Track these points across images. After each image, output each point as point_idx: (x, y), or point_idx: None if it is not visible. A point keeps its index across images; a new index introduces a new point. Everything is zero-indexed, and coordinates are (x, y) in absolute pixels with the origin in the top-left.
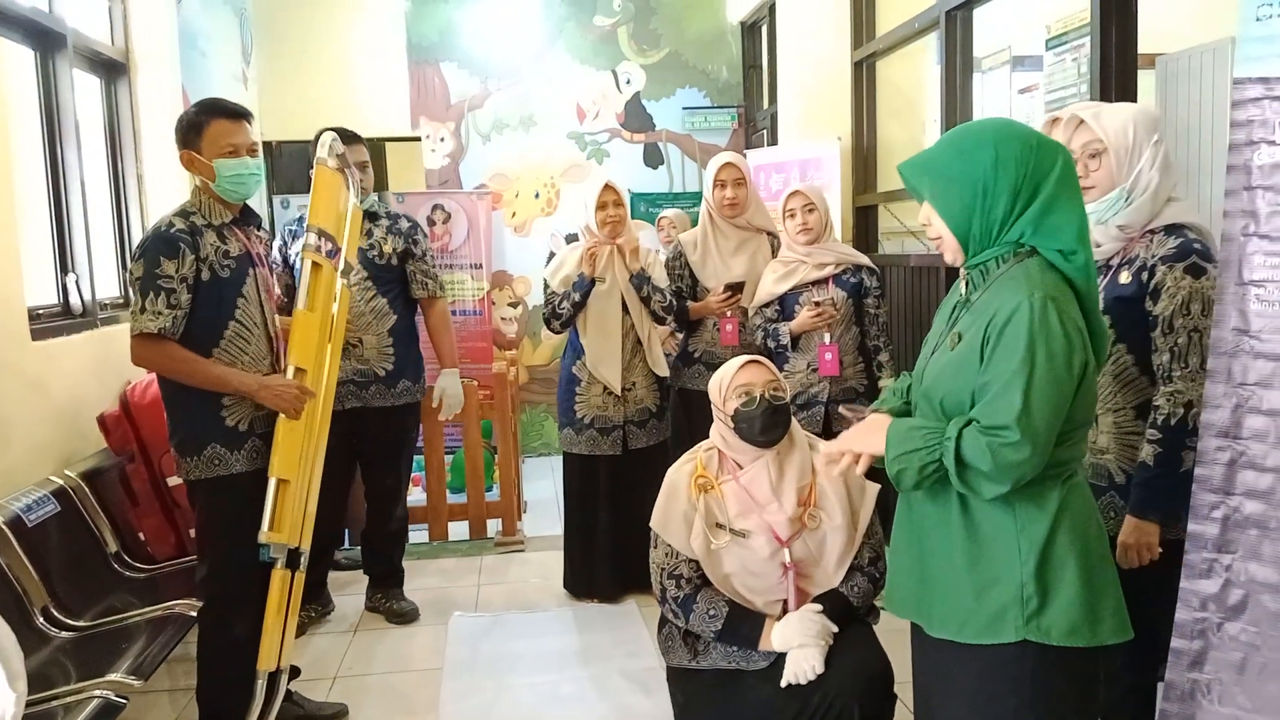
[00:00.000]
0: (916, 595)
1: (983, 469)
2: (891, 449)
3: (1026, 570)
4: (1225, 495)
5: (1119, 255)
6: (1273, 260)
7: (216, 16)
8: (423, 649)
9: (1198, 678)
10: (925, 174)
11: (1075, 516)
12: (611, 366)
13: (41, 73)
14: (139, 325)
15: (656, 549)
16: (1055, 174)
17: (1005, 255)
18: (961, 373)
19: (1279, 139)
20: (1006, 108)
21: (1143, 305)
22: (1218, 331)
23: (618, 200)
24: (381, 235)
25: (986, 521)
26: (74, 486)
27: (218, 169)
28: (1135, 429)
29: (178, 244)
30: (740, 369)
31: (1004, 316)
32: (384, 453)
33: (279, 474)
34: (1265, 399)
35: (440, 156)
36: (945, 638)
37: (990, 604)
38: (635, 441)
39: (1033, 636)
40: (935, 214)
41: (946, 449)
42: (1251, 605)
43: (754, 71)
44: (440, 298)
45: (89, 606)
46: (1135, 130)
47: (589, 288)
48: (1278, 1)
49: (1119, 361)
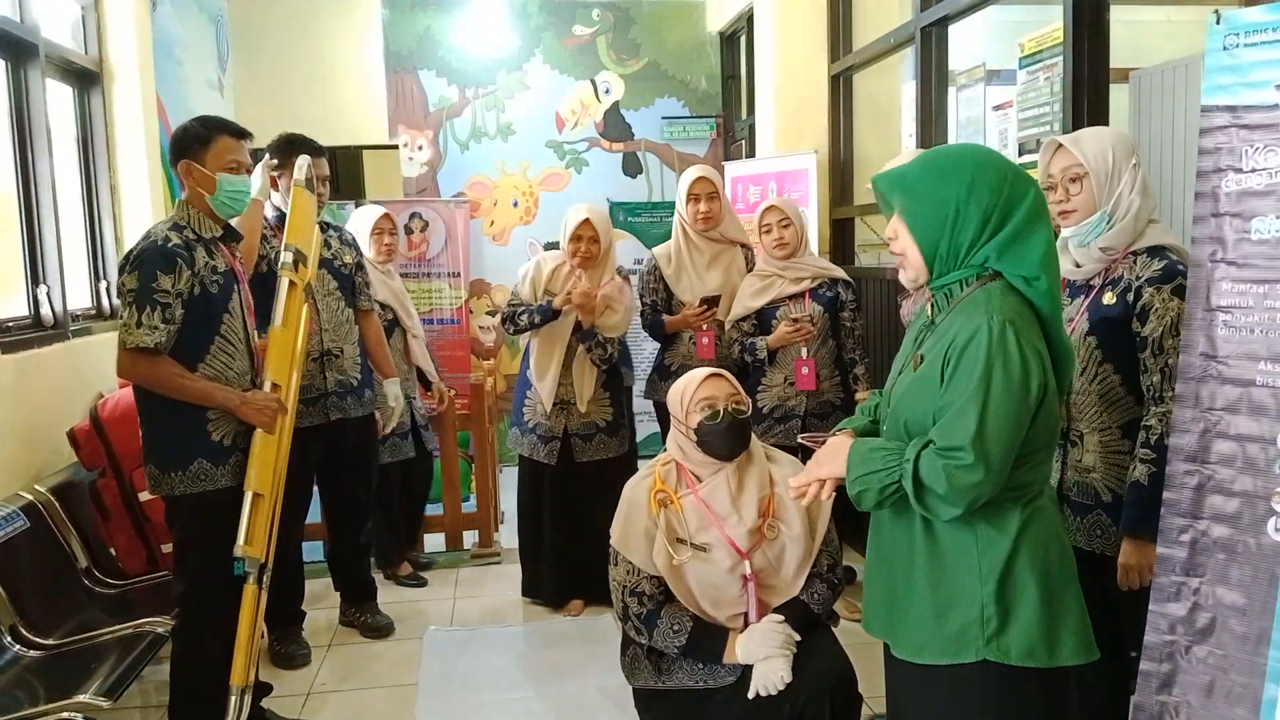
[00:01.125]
0: (887, 616)
1: (938, 491)
2: (852, 470)
3: (987, 591)
4: (1193, 519)
5: (1100, 276)
6: (1240, 287)
7: (192, 24)
8: (397, 664)
9: (1166, 700)
10: (900, 189)
11: (1036, 539)
12: (547, 383)
13: (12, 82)
14: (134, 339)
15: (617, 566)
16: (1027, 204)
17: (969, 279)
18: (923, 394)
19: (1245, 167)
20: (981, 123)
21: (1129, 326)
22: (1185, 357)
23: (594, 236)
24: (338, 246)
25: (948, 543)
26: (44, 501)
27: (220, 182)
28: (1122, 448)
29: (175, 259)
30: (703, 382)
31: (963, 339)
32: (356, 463)
33: (255, 488)
34: (1233, 424)
35: (418, 165)
36: (907, 659)
37: (951, 625)
38: (580, 454)
39: (992, 656)
40: (904, 229)
41: (905, 471)
42: (1219, 629)
43: (733, 82)
44: (374, 311)
45: (58, 624)
46: (1114, 154)
47: (550, 316)
48: (1244, 30)
49: (1105, 381)
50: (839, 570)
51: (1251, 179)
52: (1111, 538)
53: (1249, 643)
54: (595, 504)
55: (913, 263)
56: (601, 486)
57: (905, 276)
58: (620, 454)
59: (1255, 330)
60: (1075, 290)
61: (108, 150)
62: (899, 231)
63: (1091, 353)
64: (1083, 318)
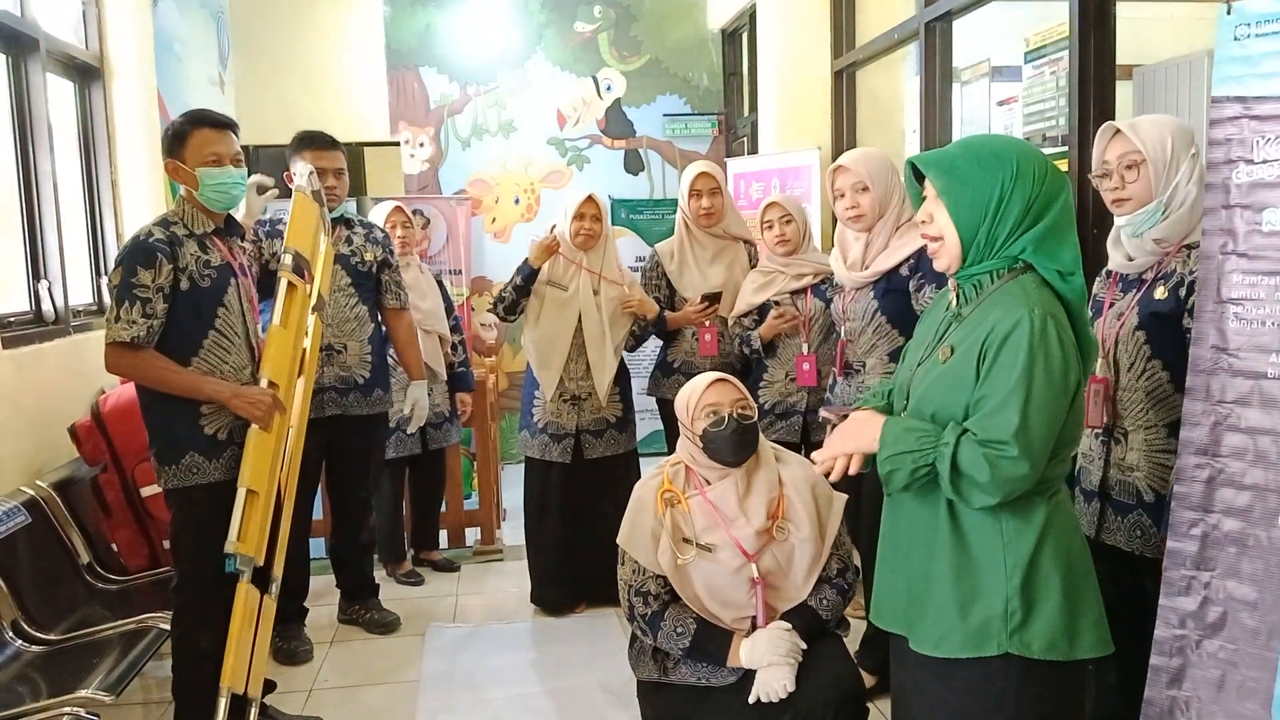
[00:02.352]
0: (904, 608)
1: (979, 480)
2: (886, 448)
3: (1012, 584)
4: (1204, 513)
5: (1152, 270)
6: (1250, 279)
7: (193, 20)
8: (399, 661)
9: (1176, 695)
10: (943, 171)
11: (1059, 532)
12: (550, 372)
13: (13, 77)
14: (112, 334)
15: (624, 565)
16: (1063, 199)
17: (1001, 270)
18: (955, 386)
19: (1257, 158)
20: (985, 119)
21: (1180, 322)
22: (1196, 349)
23: (596, 215)
24: (361, 242)
25: (974, 536)
26: (45, 497)
27: (200, 177)
28: (1167, 447)
29: (155, 254)
30: (707, 388)
31: (1003, 331)
32: (357, 462)
33: (249, 484)
34: (1244, 417)
35: (419, 162)
36: (927, 653)
37: (974, 618)
38: (591, 451)
39: (1014, 650)
40: (943, 213)
41: (942, 454)
42: (1230, 623)
43: (734, 79)
44: (408, 310)
45: (60, 620)
46: (1173, 143)
47: (530, 275)
48: (1255, 21)
49: (1154, 378)
50: (849, 575)
51: (1262, 170)
52: (1152, 539)
53: (1260, 637)
54: (604, 502)
55: (949, 247)
56: (610, 483)
57: (940, 262)
58: (628, 450)
59: (1266, 323)
60: (1127, 284)
61: (109, 146)
62: (935, 215)
63: (1140, 348)
64: (1133, 312)
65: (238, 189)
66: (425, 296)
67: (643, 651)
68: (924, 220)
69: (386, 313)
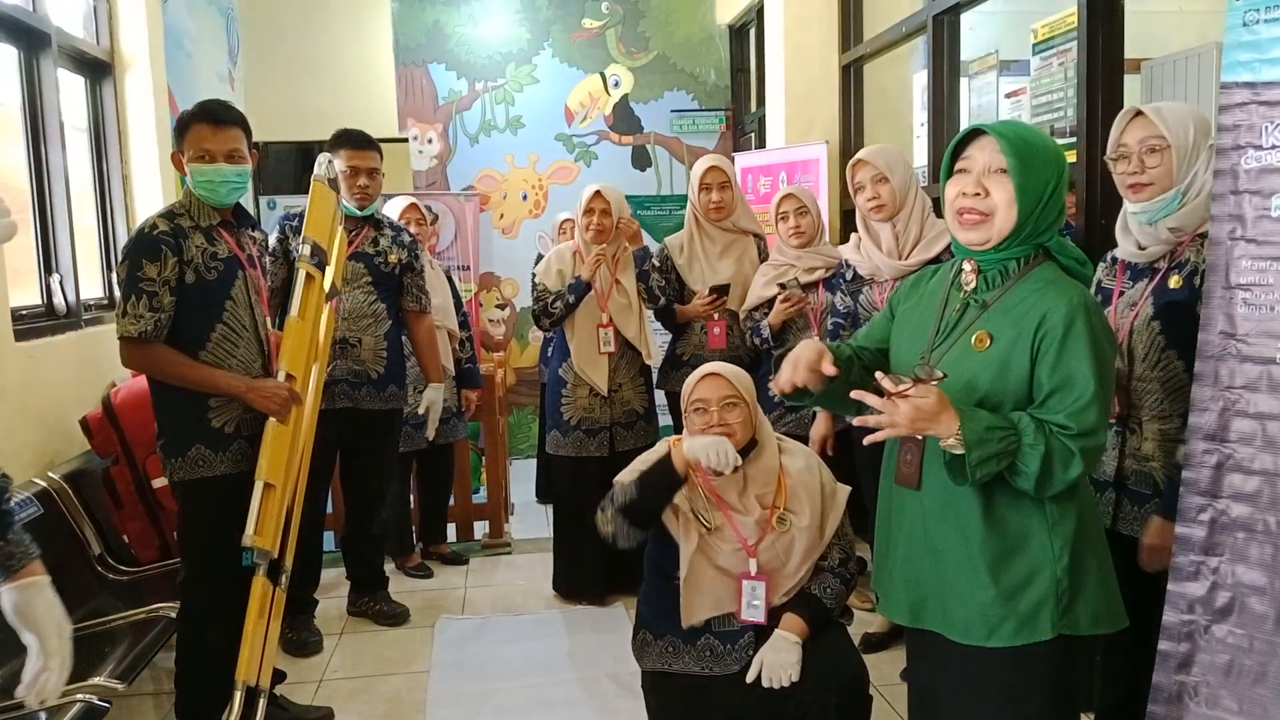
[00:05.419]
0: (928, 603)
1: (1071, 475)
2: (973, 450)
3: (1061, 565)
4: (1212, 498)
5: (1165, 259)
6: (1259, 264)
7: (203, 16)
8: (409, 652)
9: (1185, 680)
10: (1018, 153)
11: (1088, 510)
12: (598, 367)
13: (25, 72)
14: (121, 329)
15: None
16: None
17: (1026, 257)
18: (1005, 374)
19: (1265, 144)
20: (993, 112)
21: (1195, 310)
22: (1205, 335)
23: (605, 210)
24: (388, 244)
25: (1016, 524)
26: (57, 489)
27: (190, 172)
28: (1182, 438)
29: (159, 246)
30: (699, 382)
31: (1061, 319)
32: (370, 455)
33: (266, 477)
34: (1252, 402)
35: (427, 158)
36: (974, 644)
37: (1026, 603)
38: (622, 443)
39: (1065, 629)
40: (1002, 190)
41: (1032, 455)
42: (1239, 608)
43: (742, 75)
44: (428, 314)
45: (72, 609)
46: (1195, 130)
47: (585, 290)
48: (1265, 7)
49: (1169, 368)
50: (852, 565)
51: (1272, 156)
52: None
53: (1269, 622)
54: None
55: (998, 223)
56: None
57: (976, 234)
58: (651, 442)
59: (1275, 308)
60: (1137, 273)
61: (119, 141)
62: (995, 190)
63: (1154, 338)
64: (1147, 302)
65: (226, 186)
66: (436, 292)
67: (646, 641)
68: (977, 192)
69: (407, 315)
